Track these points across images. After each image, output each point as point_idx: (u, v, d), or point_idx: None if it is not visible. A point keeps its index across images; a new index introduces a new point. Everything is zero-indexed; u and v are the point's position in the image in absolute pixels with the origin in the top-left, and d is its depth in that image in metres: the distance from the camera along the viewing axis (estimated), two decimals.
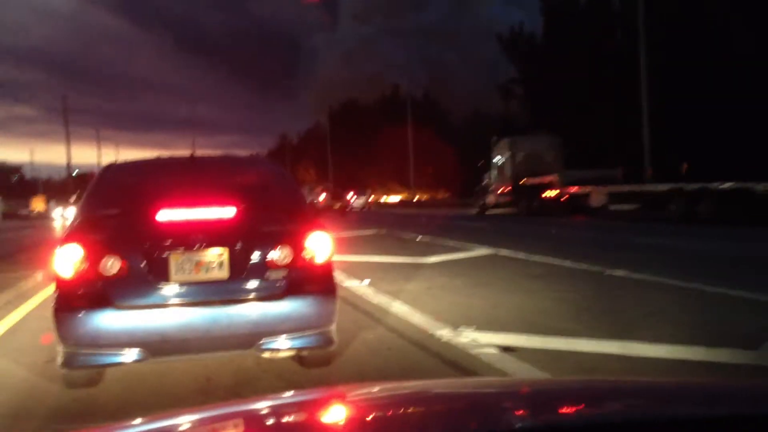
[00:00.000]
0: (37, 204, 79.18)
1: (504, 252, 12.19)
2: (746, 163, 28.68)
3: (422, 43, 76.17)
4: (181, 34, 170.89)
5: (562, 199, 26.71)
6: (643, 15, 28.17)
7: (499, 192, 31.87)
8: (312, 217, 4.99)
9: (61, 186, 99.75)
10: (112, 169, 5.56)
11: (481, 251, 12.56)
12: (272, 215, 4.90)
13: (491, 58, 53.81)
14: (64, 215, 53.56)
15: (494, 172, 32.69)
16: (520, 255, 11.64)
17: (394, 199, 65.26)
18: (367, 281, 9.14)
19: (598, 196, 24.76)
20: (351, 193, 48.95)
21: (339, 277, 9.56)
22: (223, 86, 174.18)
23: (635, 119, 31.07)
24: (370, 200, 52.37)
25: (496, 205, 32.26)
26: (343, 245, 15.48)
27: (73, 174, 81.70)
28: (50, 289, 5.09)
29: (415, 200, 58.68)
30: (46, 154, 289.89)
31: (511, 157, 31.22)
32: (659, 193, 22.43)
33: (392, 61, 67.58)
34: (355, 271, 10.14)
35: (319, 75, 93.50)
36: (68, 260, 4.33)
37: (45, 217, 63.88)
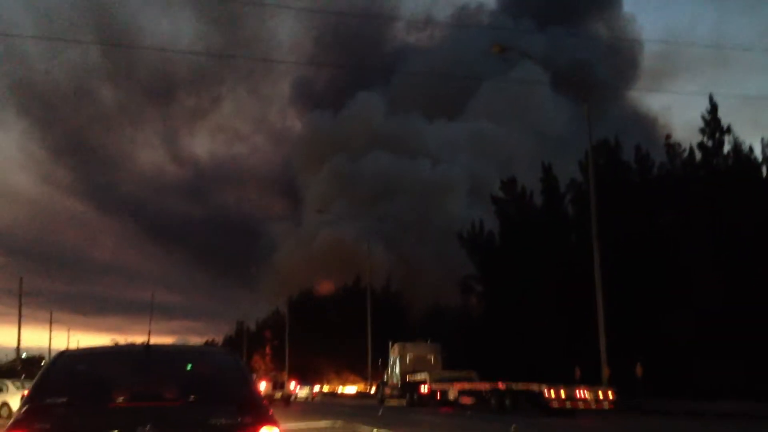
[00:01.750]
0: None
1: None
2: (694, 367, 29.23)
3: (386, 235, 78.30)
4: (142, 219, 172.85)
5: (429, 393, 33.68)
6: (596, 229, 29.68)
7: (392, 386, 39.04)
8: (263, 410, 4.91)
9: (7, 369, 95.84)
10: (65, 356, 5.57)
11: None
12: (222, 407, 4.79)
13: (454, 252, 55.42)
14: None
15: (390, 370, 40.37)
16: None
17: (351, 389, 63.85)
18: None
19: (453, 392, 31.53)
20: (293, 383, 49.31)
21: None
22: (182, 271, 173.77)
23: (590, 321, 31.88)
24: (315, 391, 53.29)
25: (391, 397, 38.67)
26: None
27: (22, 357, 79.87)
28: None
29: (371, 392, 57.38)
30: None
31: (401, 358, 39.12)
32: (484, 390, 28.95)
33: (354, 252, 69.12)
34: None
35: (279, 263, 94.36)
36: None
37: None
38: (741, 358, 27.73)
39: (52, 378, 5.10)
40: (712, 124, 35.28)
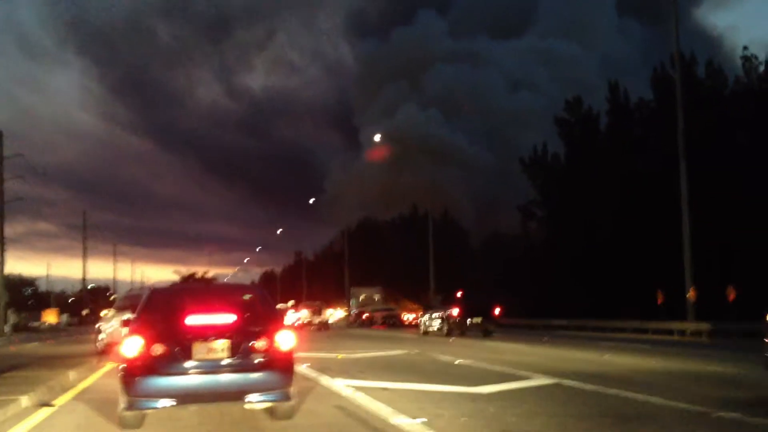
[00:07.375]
0: (49, 316, 78.45)
1: (567, 382, 10.78)
2: None
3: (444, 162, 76.82)
4: (201, 154, 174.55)
5: (368, 319, 53.21)
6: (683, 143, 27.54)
7: (354, 316, 58.76)
8: (280, 322, 7.74)
9: (75, 299, 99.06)
10: (155, 289, 8.90)
11: (540, 380, 11.08)
12: (256, 320, 7.58)
13: (515, 178, 53.86)
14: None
15: (352, 305, 62.42)
16: (589, 387, 10.21)
17: (409, 317, 63.84)
18: (420, 420, 7.58)
19: (376, 318, 51.86)
20: (328, 311, 58.60)
21: (383, 411, 8.17)
22: (241, 204, 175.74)
23: (659, 243, 30.50)
24: (349, 317, 61.79)
25: (355, 324, 55.11)
26: (376, 369, 13.90)
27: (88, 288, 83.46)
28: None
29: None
30: (62, 269, 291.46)
31: (356, 297, 62.49)
32: (385, 316, 51.35)
33: (412, 179, 68.08)
34: (401, 403, 8.78)
35: (337, 193, 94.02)
36: (132, 345, 6.99)
37: (56, 329, 62.66)
38: None
39: (151, 303, 7.90)
40: None
